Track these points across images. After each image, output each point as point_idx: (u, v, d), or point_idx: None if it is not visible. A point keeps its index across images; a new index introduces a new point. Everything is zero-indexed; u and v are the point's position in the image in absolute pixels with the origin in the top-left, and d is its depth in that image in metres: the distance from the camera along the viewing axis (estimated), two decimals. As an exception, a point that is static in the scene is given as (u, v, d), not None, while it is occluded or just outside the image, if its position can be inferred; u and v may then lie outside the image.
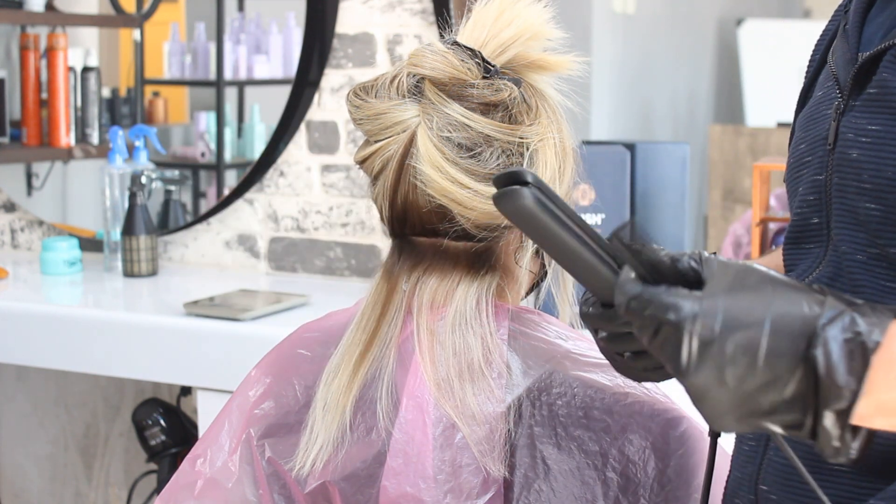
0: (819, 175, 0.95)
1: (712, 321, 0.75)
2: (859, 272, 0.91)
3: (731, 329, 0.75)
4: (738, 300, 0.76)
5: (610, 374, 1.09)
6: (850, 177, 0.91)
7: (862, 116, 0.91)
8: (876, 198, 0.89)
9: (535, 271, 1.16)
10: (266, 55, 2.66)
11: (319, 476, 1.09)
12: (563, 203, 0.83)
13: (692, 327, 0.76)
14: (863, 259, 0.90)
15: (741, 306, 0.76)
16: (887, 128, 0.88)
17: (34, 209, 2.75)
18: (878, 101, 0.90)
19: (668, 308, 0.77)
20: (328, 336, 1.15)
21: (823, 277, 0.94)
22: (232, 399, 1.16)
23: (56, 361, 2.11)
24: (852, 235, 0.92)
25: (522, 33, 1.09)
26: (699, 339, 0.75)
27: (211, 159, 2.71)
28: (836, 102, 0.95)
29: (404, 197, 1.09)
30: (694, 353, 0.75)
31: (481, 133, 1.06)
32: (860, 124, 0.91)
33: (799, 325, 0.75)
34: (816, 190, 0.96)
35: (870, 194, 0.89)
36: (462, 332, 1.08)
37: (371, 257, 2.36)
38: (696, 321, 0.75)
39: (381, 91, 1.09)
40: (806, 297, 0.77)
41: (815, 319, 0.75)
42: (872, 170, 0.89)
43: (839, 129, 0.93)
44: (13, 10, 2.75)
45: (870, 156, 0.89)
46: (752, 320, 0.75)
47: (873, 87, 0.90)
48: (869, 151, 0.89)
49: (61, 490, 2.77)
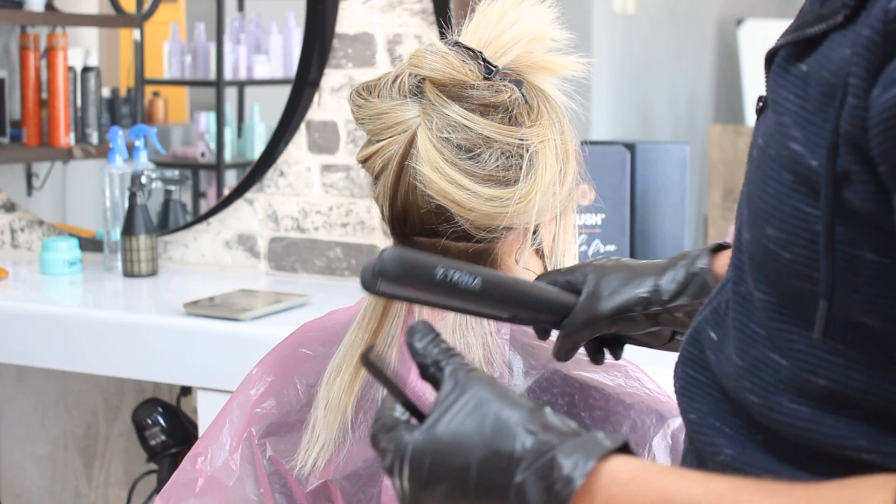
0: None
1: (420, 465, 0.74)
2: (737, 309, 0.77)
3: (439, 474, 0.73)
4: (449, 434, 0.74)
5: (612, 374, 1.09)
6: (743, 193, 0.77)
7: (761, 124, 0.76)
8: (749, 228, 0.75)
9: (538, 272, 1.16)
10: (266, 55, 2.66)
11: (321, 475, 1.09)
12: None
13: (401, 473, 0.75)
14: (743, 293, 0.77)
15: (451, 445, 0.73)
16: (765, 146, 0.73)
17: (34, 209, 2.75)
18: (768, 110, 0.74)
19: (383, 452, 0.76)
20: (330, 335, 1.15)
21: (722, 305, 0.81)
22: (233, 398, 1.16)
23: (56, 361, 2.11)
24: (738, 261, 0.78)
25: (525, 34, 1.09)
26: (410, 486, 0.74)
27: (211, 159, 2.71)
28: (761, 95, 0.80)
29: (404, 197, 1.09)
30: (409, 500, 0.75)
31: (481, 134, 1.06)
32: (757, 133, 0.76)
33: (503, 470, 0.72)
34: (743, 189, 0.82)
35: (746, 222, 0.75)
36: (463, 332, 1.08)
37: (371, 257, 2.36)
38: (403, 468, 0.74)
39: (383, 91, 1.09)
40: (515, 432, 0.73)
41: (517, 464, 0.72)
42: (749, 193, 0.75)
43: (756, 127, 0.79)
44: (13, 10, 2.75)
45: (751, 176, 0.74)
46: (460, 465, 0.73)
47: (768, 90, 0.76)
48: (752, 170, 0.74)
49: (61, 490, 2.77)
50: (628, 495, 0.71)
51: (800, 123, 0.69)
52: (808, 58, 0.71)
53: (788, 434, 0.73)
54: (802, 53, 0.72)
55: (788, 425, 0.73)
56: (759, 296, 0.74)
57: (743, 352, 0.76)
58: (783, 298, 0.72)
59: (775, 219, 0.71)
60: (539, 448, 0.72)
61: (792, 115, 0.70)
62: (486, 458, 0.73)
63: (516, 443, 0.73)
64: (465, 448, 0.73)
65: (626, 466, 0.72)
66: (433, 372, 0.78)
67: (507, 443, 0.73)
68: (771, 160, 0.72)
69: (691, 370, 0.83)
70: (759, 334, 0.75)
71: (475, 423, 0.74)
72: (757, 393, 0.75)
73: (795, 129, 0.69)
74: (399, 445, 0.75)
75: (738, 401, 0.77)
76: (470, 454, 0.73)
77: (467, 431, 0.73)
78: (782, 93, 0.72)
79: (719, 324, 0.81)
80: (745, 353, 0.76)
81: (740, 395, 0.76)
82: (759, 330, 0.75)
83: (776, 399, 0.73)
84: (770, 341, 0.74)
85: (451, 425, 0.74)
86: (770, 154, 0.72)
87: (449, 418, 0.74)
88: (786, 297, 0.72)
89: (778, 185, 0.71)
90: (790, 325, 0.72)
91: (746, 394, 0.76)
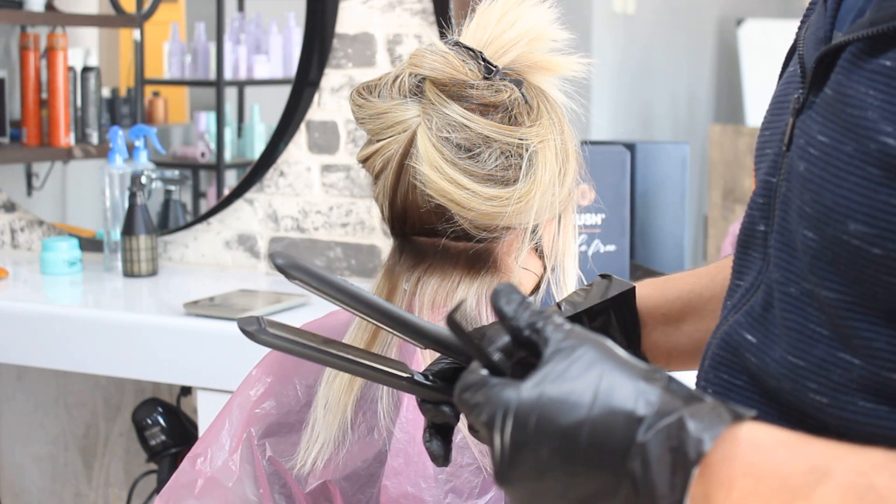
0: (772, 176, 0.81)
1: (525, 421, 0.66)
2: (790, 310, 0.76)
3: (546, 432, 0.66)
4: (560, 392, 0.66)
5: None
6: (795, 192, 0.76)
7: (815, 121, 0.75)
8: (814, 226, 0.73)
9: (538, 271, 1.16)
10: (266, 55, 2.66)
11: (320, 475, 1.09)
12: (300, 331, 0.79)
13: (503, 427, 0.67)
14: (795, 293, 0.75)
15: (562, 402, 0.66)
16: (835, 142, 0.72)
17: (34, 209, 2.75)
18: (832, 106, 0.73)
19: (475, 408, 0.69)
20: (330, 335, 1.15)
21: (757, 307, 0.80)
22: (233, 398, 1.16)
23: (56, 361, 2.11)
24: (788, 262, 0.77)
25: (525, 34, 1.09)
26: (511, 443, 0.66)
27: (211, 159, 2.71)
28: (797, 94, 0.80)
29: (404, 196, 1.09)
30: (507, 457, 0.67)
31: (480, 134, 1.06)
32: (812, 131, 0.75)
33: (621, 429, 0.65)
34: (767, 193, 0.82)
35: (809, 220, 0.74)
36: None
37: (371, 257, 2.36)
38: (506, 421, 0.66)
39: (383, 91, 1.09)
40: (636, 391, 0.66)
41: (637, 423, 0.65)
42: (814, 191, 0.73)
43: (794, 129, 0.78)
44: (13, 10, 2.75)
45: (814, 173, 0.73)
46: (570, 423, 0.65)
47: (830, 86, 0.74)
48: (815, 168, 0.73)
49: (61, 490, 2.77)
50: (773, 463, 0.65)
51: (889, 118, 0.68)
52: (891, 52, 0.70)
53: (863, 434, 0.70)
54: (880, 48, 0.71)
55: (864, 424, 0.71)
56: (827, 294, 0.72)
57: (803, 352, 0.74)
58: (862, 296, 0.71)
59: (861, 214, 0.69)
60: (664, 408, 0.65)
61: (877, 109, 0.69)
62: (601, 417, 0.65)
63: (638, 402, 0.65)
64: (577, 406, 0.66)
65: (767, 432, 0.67)
66: (529, 335, 0.70)
67: (627, 402, 0.66)
68: (847, 156, 0.71)
69: (726, 374, 0.81)
70: (820, 334, 0.73)
71: (588, 381, 0.66)
72: (825, 393, 0.73)
73: (885, 123, 0.68)
74: (500, 399, 0.67)
75: (792, 402, 0.75)
76: (582, 412, 0.65)
77: (579, 389, 0.66)
78: (860, 88, 0.71)
79: (756, 327, 0.79)
80: (807, 354, 0.74)
81: (802, 396, 0.74)
82: (821, 329, 0.73)
83: (848, 399, 0.72)
84: (837, 341, 0.72)
85: (560, 383, 0.67)
86: (845, 150, 0.71)
87: (557, 375, 0.67)
88: (867, 293, 0.70)
89: (861, 181, 0.70)
90: (867, 323, 0.70)
91: (811, 394, 0.73)
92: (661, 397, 0.66)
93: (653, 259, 2.17)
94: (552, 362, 0.68)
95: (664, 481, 0.64)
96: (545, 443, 0.66)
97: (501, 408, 0.67)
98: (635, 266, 2.11)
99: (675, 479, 0.64)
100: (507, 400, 0.67)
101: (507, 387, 0.68)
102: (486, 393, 0.68)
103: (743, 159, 4.04)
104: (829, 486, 0.63)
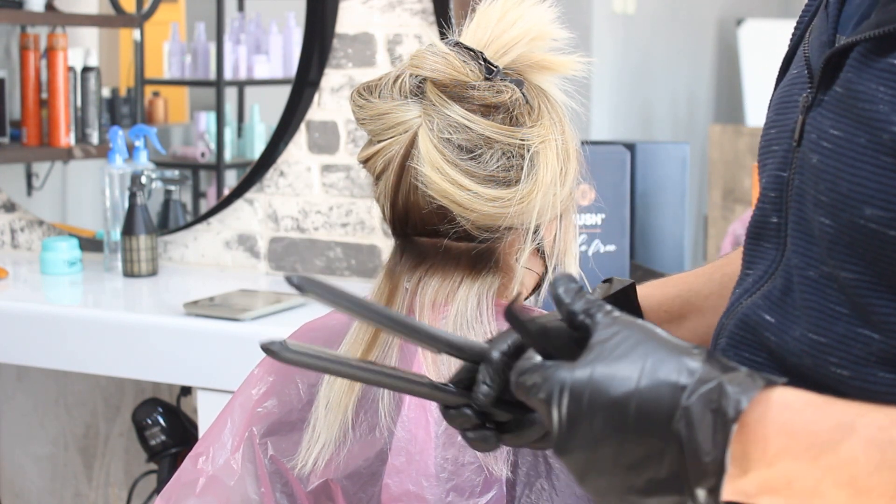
0: (782, 171, 0.88)
1: (580, 396, 0.73)
2: (810, 292, 0.83)
3: (599, 404, 0.73)
4: (610, 370, 0.73)
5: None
6: (808, 183, 0.83)
7: (826, 117, 0.82)
8: (830, 213, 0.81)
9: (539, 271, 1.16)
10: (266, 55, 2.66)
11: (322, 474, 1.09)
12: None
13: (560, 402, 0.74)
14: (814, 276, 0.83)
15: (612, 377, 0.73)
16: (847, 135, 0.79)
17: (34, 209, 2.75)
18: (843, 102, 0.81)
19: (532, 388, 0.75)
20: (331, 335, 1.15)
21: (775, 291, 0.87)
22: (234, 397, 1.16)
23: (56, 361, 2.11)
24: (806, 248, 0.84)
25: (526, 34, 1.09)
26: (567, 415, 0.73)
27: (211, 159, 2.71)
28: (805, 94, 0.86)
29: (405, 197, 1.09)
30: (564, 429, 0.74)
31: (482, 135, 1.06)
32: (824, 126, 0.82)
33: (667, 397, 0.72)
34: (778, 187, 0.89)
35: (825, 208, 0.81)
36: (463, 332, 1.08)
37: (371, 257, 2.36)
38: (563, 397, 0.74)
39: (383, 91, 1.09)
40: (678, 364, 0.73)
41: (681, 391, 0.72)
42: (829, 181, 0.80)
43: (805, 125, 0.85)
44: (13, 10, 2.75)
45: (828, 164, 0.81)
46: (620, 395, 0.73)
47: (840, 85, 0.82)
48: (828, 159, 0.81)
49: (61, 490, 2.77)
50: (803, 421, 0.73)
51: None
52: None
53: (883, 403, 0.75)
54: (887, 48, 0.78)
55: (884, 395, 0.78)
56: (846, 275, 0.80)
57: (825, 329, 0.82)
58: (880, 275, 0.78)
59: (878, 199, 0.77)
60: (704, 377, 0.73)
61: (888, 103, 0.77)
62: (648, 389, 0.72)
63: (681, 374, 0.73)
64: (626, 380, 0.73)
65: (796, 395, 0.74)
66: (582, 319, 0.78)
67: (671, 374, 0.73)
68: (861, 147, 0.78)
69: (747, 353, 0.89)
70: (840, 312, 0.81)
71: (634, 358, 0.74)
72: (846, 367, 0.80)
73: None
74: (555, 378, 0.74)
75: (812, 376, 0.82)
76: (631, 385, 0.73)
77: (628, 365, 0.73)
78: (870, 85, 0.78)
79: (774, 308, 0.87)
80: (828, 331, 0.81)
81: (823, 370, 0.81)
82: (841, 308, 0.81)
83: (869, 371, 0.80)
84: (857, 318, 0.80)
85: (609, 361, 0.74)
86: (859, 142, 0.78)
87: (607, 354, 0.74)
88: (884, 273, 0.78)
89: (875, 169, 0.77)
90: (885, 300, 0.78)
91: (833, 368, 0.81)
92: (701, 368, 0.73)
93: (653, 259, 2.17)
94: (601, 344, 0.75)
95: (707, 438, 0.71)
96: (598, 414, 0.73)
97: (557, 385, 0.74)
98: (635, 266, 2.11)
99: (716, 435, 0.71)
100: (562, 378, 0.74)
101: (560, 368, 0.75)
102: (542, 374, 0.75)
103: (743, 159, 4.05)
104: (853, 441, 0.71)
